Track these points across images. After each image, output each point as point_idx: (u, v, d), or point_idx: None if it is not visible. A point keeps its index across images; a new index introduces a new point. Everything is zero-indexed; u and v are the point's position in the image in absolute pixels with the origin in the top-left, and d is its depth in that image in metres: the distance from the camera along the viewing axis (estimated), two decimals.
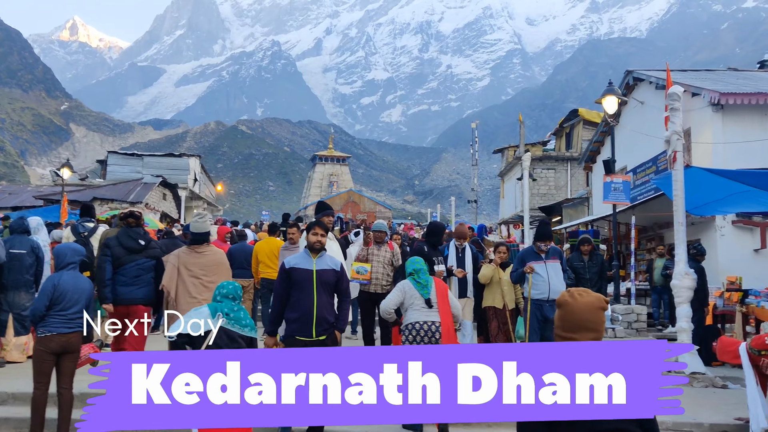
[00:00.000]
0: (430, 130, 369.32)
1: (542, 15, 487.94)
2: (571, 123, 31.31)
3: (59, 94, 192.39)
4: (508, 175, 37.07)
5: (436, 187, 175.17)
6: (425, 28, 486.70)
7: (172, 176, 31.52)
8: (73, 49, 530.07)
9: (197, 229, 6.34)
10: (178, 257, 6.22)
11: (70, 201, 20.77)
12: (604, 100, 12.43)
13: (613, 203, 12.13)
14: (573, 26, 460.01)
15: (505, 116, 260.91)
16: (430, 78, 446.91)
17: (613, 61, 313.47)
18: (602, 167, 18.62)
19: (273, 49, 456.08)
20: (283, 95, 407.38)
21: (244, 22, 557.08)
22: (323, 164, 67.72)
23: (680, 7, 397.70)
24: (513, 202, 35.14)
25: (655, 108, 14.66)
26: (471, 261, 8.53)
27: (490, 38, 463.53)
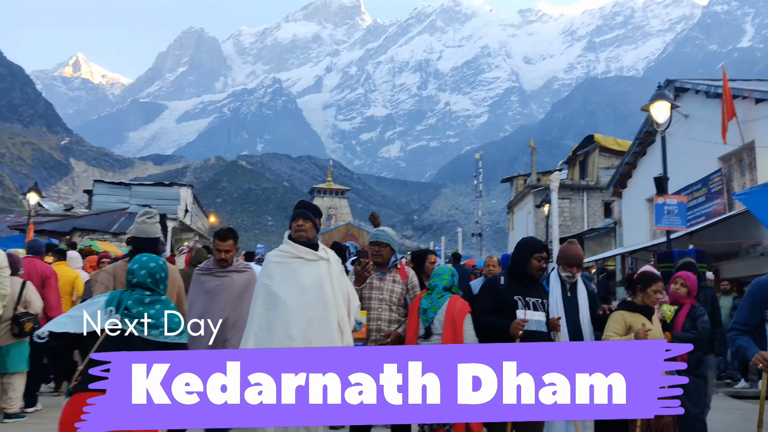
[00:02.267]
0: (428, 165, 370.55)
1: (539, 54, 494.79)
2: (585, 150, 30.10)
3: (60, 130, 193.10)
4: (518, 205, 35.61)
5: (435, 222, 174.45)
6: (424, 66, 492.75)
7: (162, 206, 30.13)
8: (76, 86, 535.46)
9: (141, 232, 4.43)
10: (113, 275, 4.33)
11: (49, 231, 19.89)
12: (652, 107, 10.60)
13: (666, 229, 10.31)
14: (570, 65, 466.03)
15: (503, 153, 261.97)
16: (429, 114, 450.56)
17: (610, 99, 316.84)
18: (635, 192, 17.33)
19: (274, 86, 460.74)
20: (284, 131, 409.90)
21: (245, 59, 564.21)
22: (321, 197, 66.70)
23: (676, 47, 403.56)
24: (524, 234, 33.72)
25: (703, 121, 13.31)
26: (587, 305, 4.78)
27: (488, 76, 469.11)
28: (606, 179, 28.70)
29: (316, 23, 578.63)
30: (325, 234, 58.11)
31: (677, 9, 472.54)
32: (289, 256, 3.78)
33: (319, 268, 3.75)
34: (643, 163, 17.24)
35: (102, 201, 30.94)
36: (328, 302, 3.66)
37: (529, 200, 31.38)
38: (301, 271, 3.71)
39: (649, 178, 15.89)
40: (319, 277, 3.71)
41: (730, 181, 13.26)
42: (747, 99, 11.90)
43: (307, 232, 3.86)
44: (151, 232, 4.48)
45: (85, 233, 21.20)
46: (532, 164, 31.72)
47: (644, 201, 16.56)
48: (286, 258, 3.78)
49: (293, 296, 3.62)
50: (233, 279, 4.82)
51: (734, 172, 13.18)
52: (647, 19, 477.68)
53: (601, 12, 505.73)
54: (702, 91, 13.74)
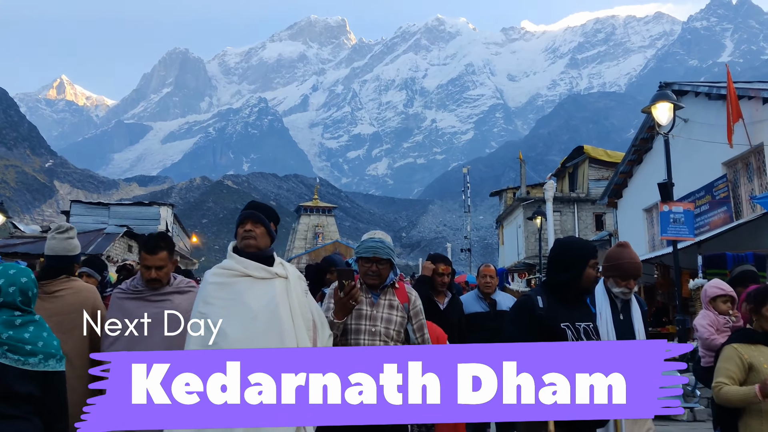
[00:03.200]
0: (416, 182, 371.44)
1: (523, 71, 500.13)
2: (574, 162, 29.77)
3: (44, 152, 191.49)
4: (508, 219, 35.16)
5: (423, 239, 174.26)
6: (410, 84, 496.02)
7: (142, 226, 29.40)
8: (60, 108, 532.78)
9: (52, 249, 3.74)
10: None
11: (21, 253, 19.23)
12: (654, 108, 9.88)
13: (673, 239, 9.53)
14: (553, 81, 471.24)
15: (489, 169, 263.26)
16: (416, 132, 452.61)
17: (593, 114, 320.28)
18: (631, 202, 16.75)
19: (260, 105, 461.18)
20: (270, 150, 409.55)
21: (231, 79, 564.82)
22: (308, 215, 65.93)
23: (657, 63, 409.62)
24: (515, 248, 33.19)
25: (704, 125, 12.56)
26: (644, 330, 3.79)
27: (473, 93, 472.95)
28: (597, 191, 28.26)
29: (302, 42, 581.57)
30: (312, 252, 57.35)
31: (657, 25, 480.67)
32: (233, 275, 2.85)
33: (274, 288, 2.83)
34: (639, 171, 16.58)
35: (79, 222, 29.74)
36: (284, 333, 2.72)
37: (519, 213, 30.95)
38: (248, 294, 2.78)
39: (645, 187, 15.33)
40: (273, 300, 2.78)
41: (737, 187, 12.50)
42: (754, 99, 11.24)
43: (258, 240, 2.94)
44: (63, 249, 3.73)
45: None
46: (521, 177, 31.26)
47: (641, 211, 16.08)
48: (229, 277, 2.85)
49: (237, 328, 2.69)
50: (174, 304, 3.42)
51: (741, 177, 12.48)
52: (628, 35, 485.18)
53: (583, 29, 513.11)
54: (703, 93, 13.03)
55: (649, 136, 15.45)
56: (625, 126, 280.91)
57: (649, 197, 15.13)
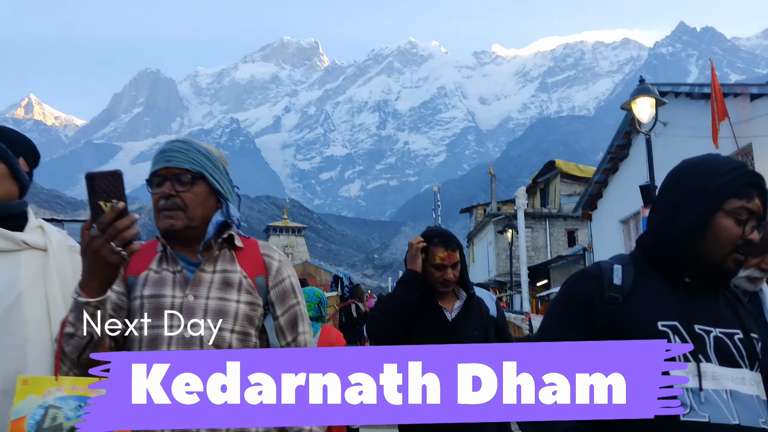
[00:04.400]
0: (388, 204, 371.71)
1: (494, 94, 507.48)
2: (546, 177, 29.05)
3: None
4: (479, 236, 34.23)
5: (395, 260, 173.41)
6: (382, 106, 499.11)
7: None
8: (28, 127, 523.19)
9: None
10: None
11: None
12: (634, 104, 9.34)
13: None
14: (524, 105, 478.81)
15: (461, 190, 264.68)
16: (388, 154, 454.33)
17: (563, 137, 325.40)
18: (606, 213, 15.70)
19: (231, 126, 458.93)
20: (242, 171, 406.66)
21: (202, 100, 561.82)
22: (277, 235, 64.48)
23: (624, 87, 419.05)
24: (485, 265, 32.23)
25: (685, 127, 11.53)
26: None
27: (445, 116, 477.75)
28: (569, 206, 27.51)
29: (274, 64, 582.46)
30: None
31: (624, 51, 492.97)
32: None
33: (17, 266, 1.75)
34: (615, 180, 15.57)
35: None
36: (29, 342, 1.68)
37: (490, 229, 30.07)
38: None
39: (622, 196, 14.48)
40: (16, 283, 1.72)
41: None
42: (740, 96, 10.47)
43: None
44: None
45: None
46: (492, 191, 30.42)
47: (618, 223, 15.14)
48: None
49: None
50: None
51: None
52: (596, 60, 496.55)
53: (552, 54, 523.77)
54: (683, 93, 12.10)
55: (625, 142, 14.63)
56: (594, 148, 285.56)
57: (626, 207, 14.32)
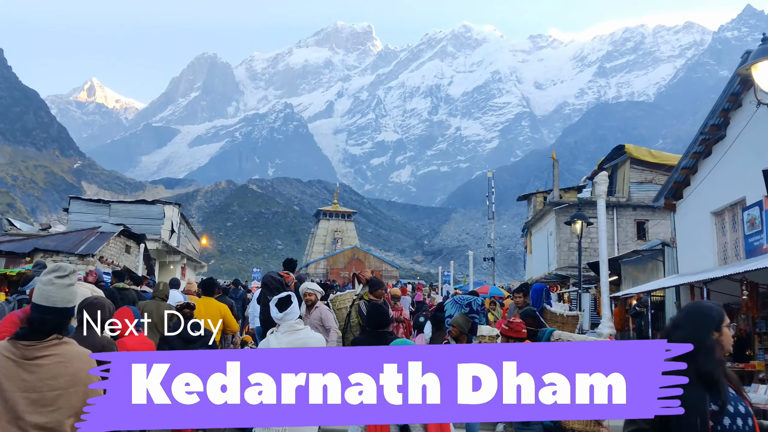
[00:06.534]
0: (439, 190, 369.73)
1: (550, 79, 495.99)
2: (614, 163, 27.68)
3: (73, 153, 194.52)
4: (537, 226, 33.27)
5: (445, 247, 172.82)
6: (435, 91, 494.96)
7: (144, 226, 27.70)
8: (90, 110, 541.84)
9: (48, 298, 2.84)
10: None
11: (6, 252, 18.04)
12: (755, 69, 7.50)
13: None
14: (581, 90, 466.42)
15: (514, 177, 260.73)
16: (440, 140, 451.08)
17: (621, 124, 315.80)
18: (695, 203, 13.97)
19: (285, 111, 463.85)
20: (294, 156, 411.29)
21: (257, 85, 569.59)
22: (327, 220, 65.16)
23: (687, 72, 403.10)
24: (545, 258, 31.32)
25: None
26: None
27: (498, 101, 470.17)
28: (639, 195, 25.76)
29: (328, 49, 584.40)
30: (330, 258, 56.56)
31: (687, 35, 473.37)
32: None
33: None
34: (707, 166, 13.53)
35: (78, 219, 28.15)
36: None
37: (551, 219, 29.00)
38: None
39: (715, 185, 13.03)
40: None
41: None
42: None
43: None
44: (62, 300, 2.85)
45: (48, 254, 18.39)
46: (554, 178, 29.41)
47: (709, 215, 13.43)
48: None
49: None
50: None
51: None
52: (657, 45, 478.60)
53: (612, 38, 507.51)
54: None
55: (721, 121, 12.76)
56: (653, 135, 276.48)
57: (721, 197, 12.85)
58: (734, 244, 12.46)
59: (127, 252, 23.59)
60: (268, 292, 8.19)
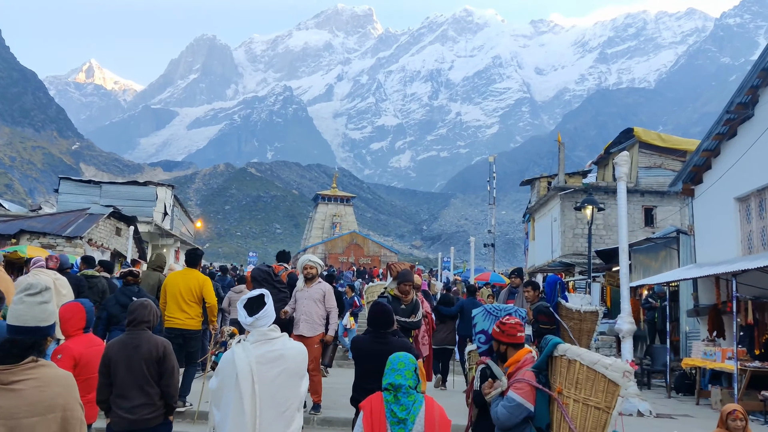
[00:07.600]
0: (438, 176, 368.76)
1: (551, 65, 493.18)
2: (621, 147, 26.71)
3: (71, 134, 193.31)
4: (541, 211, 32.39)
5: (444, 232, 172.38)
6: (435, 76, 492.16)
7: (135, 208, 27.00)
8: (89, 91, 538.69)
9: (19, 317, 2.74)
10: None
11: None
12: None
13: None
14: (582, 76, 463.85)
15: (513, 163, 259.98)
16: (440, 125, 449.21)
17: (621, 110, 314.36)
18: (718, 188, 13.12)
19: (285, 94, 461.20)
20: (294, 139, 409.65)
21: (257, 67, 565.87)
22: (326, 204, 64.46)
23: (688, 59, 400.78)
24: (548, 244, 30.58)
25: None
26: None
27: (499, 87, 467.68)
28: (647, 180, 24.92)
29: (328, 31, 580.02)
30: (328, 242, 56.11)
31: (689, 21, 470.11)
32: None
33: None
34: (731, 148, 12.53)
35: (68, 201, 27.37)
36: None
37: (556, 204, 28.10)
38: None
39: (741, 168, 12.08)
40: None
41: None
42: None
43: None
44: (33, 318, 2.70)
45: (35, 236, 17.96)
46: (560, 162, 28.45)
47: (732, 200, 12.51)
48: None
49: None
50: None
51: None
52: (659, 31, 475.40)
53: (613, 23, 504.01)
54: None
55: (749, 99, 11.76)
56: (653, 122, 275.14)
57: (747, 181, 11.94)
58: (761, 231, 11.69)
59: (118, 234, 22.87)
60: (257, 285, 7.91)
